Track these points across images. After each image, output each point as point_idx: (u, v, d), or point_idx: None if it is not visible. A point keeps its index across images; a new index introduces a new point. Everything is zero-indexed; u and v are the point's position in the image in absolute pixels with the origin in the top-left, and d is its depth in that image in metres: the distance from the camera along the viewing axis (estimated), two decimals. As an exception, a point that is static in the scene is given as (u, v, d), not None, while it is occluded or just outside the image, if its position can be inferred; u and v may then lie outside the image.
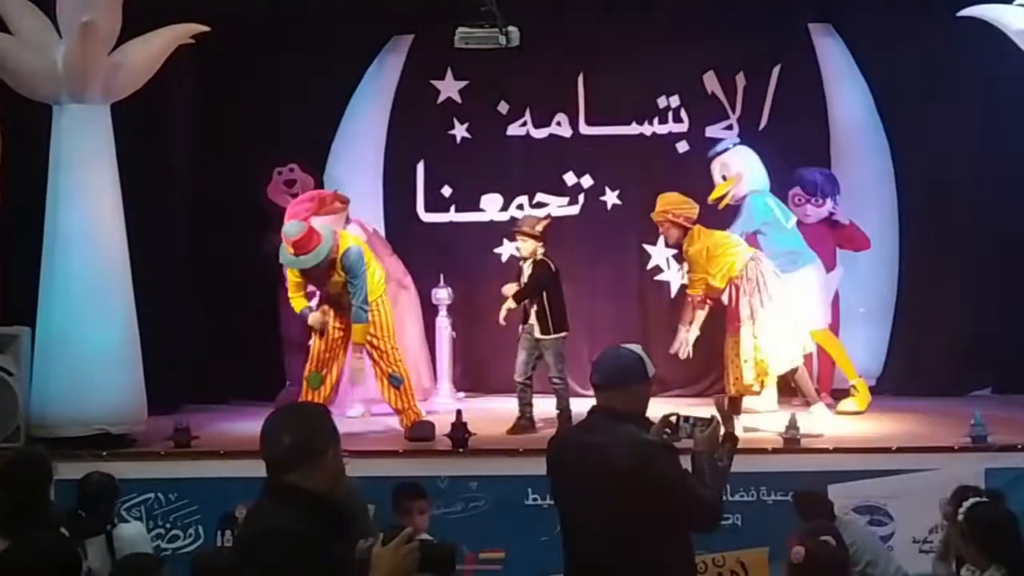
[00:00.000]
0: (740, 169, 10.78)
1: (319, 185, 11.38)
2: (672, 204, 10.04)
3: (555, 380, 10.06)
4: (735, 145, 10.96)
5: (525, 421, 10.08)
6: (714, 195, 10.72)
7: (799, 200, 11.15)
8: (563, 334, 10.13)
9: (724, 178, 10.77)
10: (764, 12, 11.40)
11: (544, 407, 10.21)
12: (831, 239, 11.18)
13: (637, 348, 5.67)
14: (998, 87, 11.23)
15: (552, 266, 10.13)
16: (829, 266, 11.06)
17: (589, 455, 5.42)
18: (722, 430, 5.53)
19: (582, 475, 5.44)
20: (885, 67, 11.72)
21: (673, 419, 5.59)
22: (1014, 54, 9.92)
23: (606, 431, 5.44)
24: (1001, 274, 11.62)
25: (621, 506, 5.26)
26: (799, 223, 10.86)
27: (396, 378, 9.91)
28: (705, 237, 9.90)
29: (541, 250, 10.11)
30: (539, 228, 10.16)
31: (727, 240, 10.01)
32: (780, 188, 10.97)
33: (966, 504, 5.75)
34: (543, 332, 10.06)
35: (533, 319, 10.08)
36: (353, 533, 4.54)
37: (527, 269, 10.15)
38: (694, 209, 10.00)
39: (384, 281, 10.01)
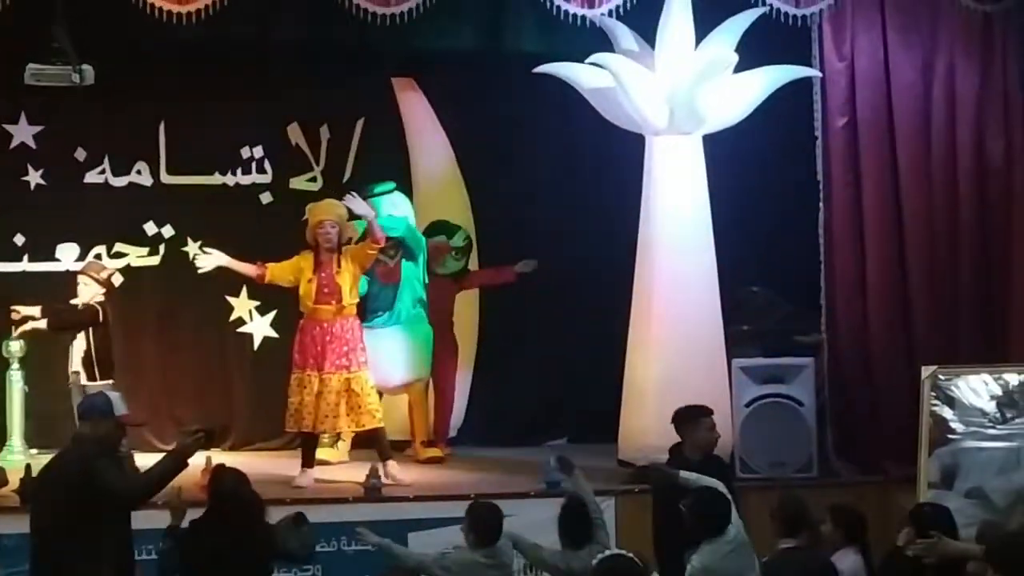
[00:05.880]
0: (406, 211, 10.86)
1: None
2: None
3: None
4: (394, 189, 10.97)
5: None
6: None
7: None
8: (109, 381, 10.07)
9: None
10: (346, 65, 11.43)
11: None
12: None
13: (115, 395, 7.21)
14: (575, 144, 11.63)
15: (101, 312, 10.18)
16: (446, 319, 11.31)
17: (54, 471, 7.03)
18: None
19: (48, 487, 6.98)
20: (465, 122, 11.97)
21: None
22: (588, 110, 10.29)
23: (70, 452, 7.05)
24: (575, 329, 11.93)
25: (69, 505, 6.75)
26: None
27: None
28: None
29: (100, 297, 10.19)
30: (104, 275, 10.28)
31: None
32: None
33: None
34: (89, 378, 10.04)
35: (79, 365, 10.01)
36: None
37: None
38: None
39: None
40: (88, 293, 10.26)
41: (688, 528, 7.04)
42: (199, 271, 10.39)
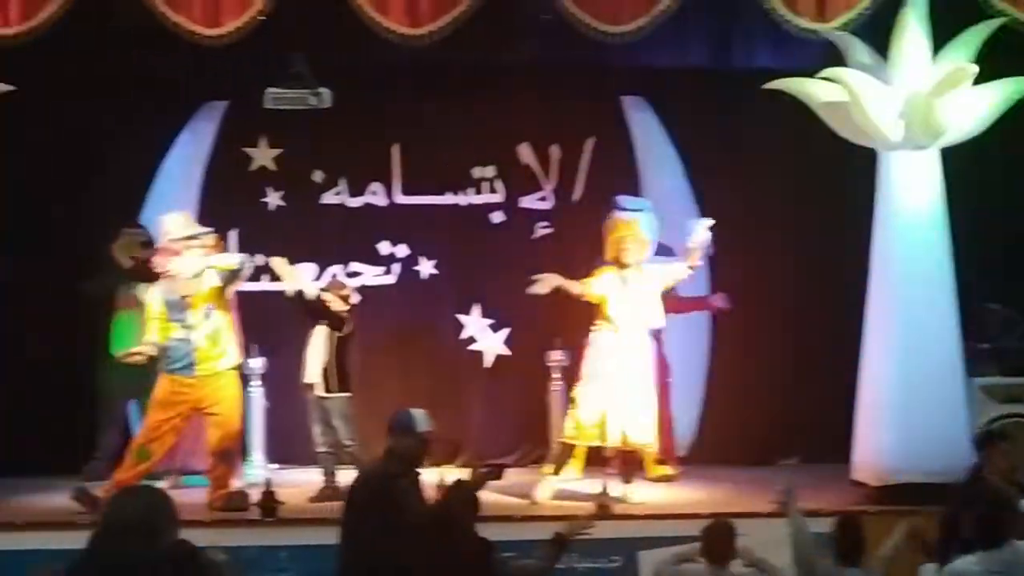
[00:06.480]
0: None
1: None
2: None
3: (348, 443, 10.12)
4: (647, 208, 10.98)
5: (330, 490, 10.06)
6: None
7: None
8: (348, 394, 10.27)
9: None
10: (577, 84, 11.51)
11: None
12: None
13: (419, 411, 7.23)
14: (806, 160, 11.49)
15: (348, 324, 10.35)
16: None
17: (361, 484, 7.19)
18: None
19: (354, 499, 7.12)
20: (697, 140, 11.94)
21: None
22: (819, 126, 10.15)
23: (377, 467, 7.27)
24: (808, 347, 11.80)
25: (370, 519, 6.89)
26: None
27: (230, 455, 9.88)
28: None
29: (344, 315, 10.34)
30: (345, 291, 10.47)
31: None
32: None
33: None
34: (328, 390, 10.20)
35: (317, 377, 10.24)
36: None
37: (320, 327, 10.36)
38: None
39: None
40: (334, 306, 10.41)
41: (969, 537, 6.88)
42: (531, 292, 10.45)
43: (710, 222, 10.30)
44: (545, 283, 10.15)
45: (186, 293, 9.83)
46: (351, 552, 6.99)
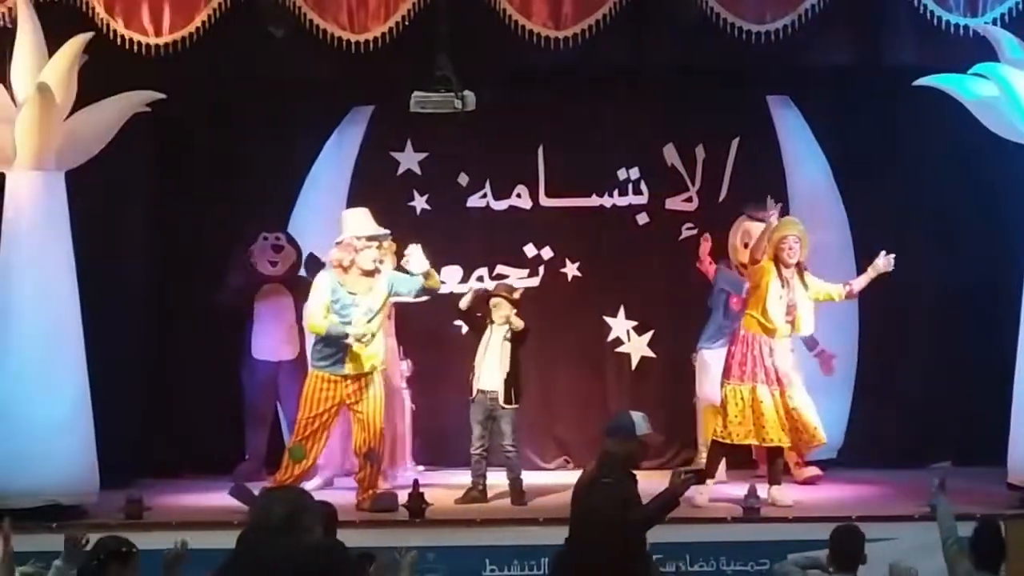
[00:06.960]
0: None
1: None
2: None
3: (508, 449, 10.12)
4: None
5: (476, 492, 10.10)
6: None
7: None
8: (517, 405, 10.28)
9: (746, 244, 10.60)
10: (722, 85, 11.42)
11: (498, 478, 10.27)
12: None
13: (638, 414, 7.23)
14: (956, 158, 11.30)
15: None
16: None
17: (581, 488, 7.22)
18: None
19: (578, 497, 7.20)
20: (843, 139, 11.78)
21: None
22: (972, 124, 9.98)
23: (592, 470, 7.21)
24: (960, 347, 11.61)
25: (589, 521, 6.97)
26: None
27: (374, 455, 9.96)
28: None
29: (515, 319, 10.27)
30: (516, 295, 10.40)
31: None
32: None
33: None
34: (507, 401, 10.18)
35: (497, 386, 10.12)
36: None
37: (497, 332, 10.27)
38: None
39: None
40: (502, 313, 10.34)
41: None
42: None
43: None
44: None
45: (355, 290, 9.92)
46: (572, 553, 7.09)
